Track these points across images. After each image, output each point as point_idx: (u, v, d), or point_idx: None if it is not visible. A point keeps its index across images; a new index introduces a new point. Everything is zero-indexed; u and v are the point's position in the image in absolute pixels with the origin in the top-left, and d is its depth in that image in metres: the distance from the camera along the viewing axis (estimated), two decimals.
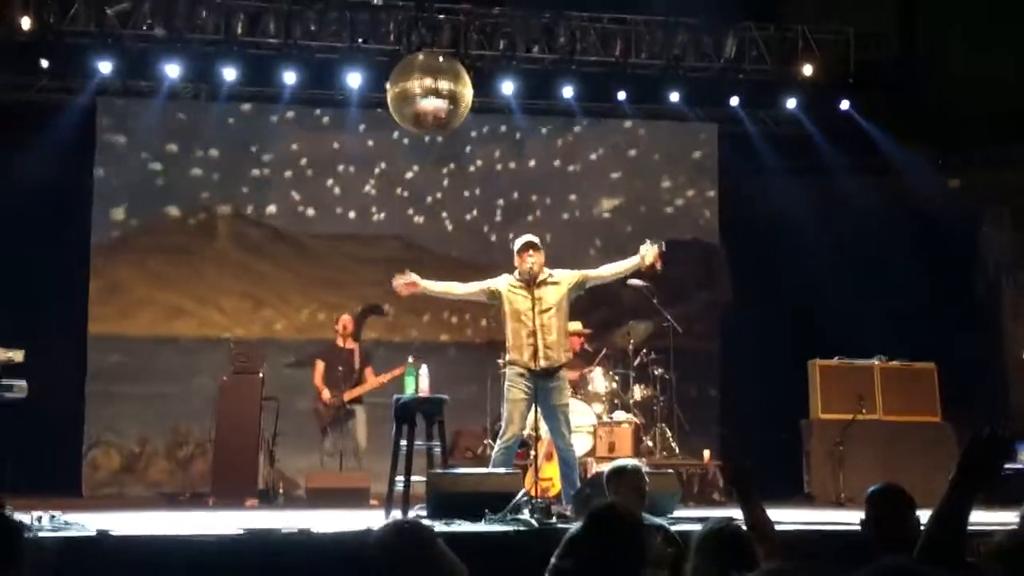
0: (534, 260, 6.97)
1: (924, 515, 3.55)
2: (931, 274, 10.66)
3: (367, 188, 11.43)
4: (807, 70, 11.03)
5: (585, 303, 8.05)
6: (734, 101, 11.42)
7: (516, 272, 7.06)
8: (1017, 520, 3.45)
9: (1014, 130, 10.78)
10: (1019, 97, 10.72)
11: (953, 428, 9.65)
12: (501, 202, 11.65)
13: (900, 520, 3.58)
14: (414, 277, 7.05)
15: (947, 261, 11.04)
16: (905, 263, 10.71)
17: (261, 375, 9.31)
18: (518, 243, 7.13)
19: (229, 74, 10.48)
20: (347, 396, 9.58)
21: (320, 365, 9.75)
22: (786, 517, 6.48)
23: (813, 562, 3.76)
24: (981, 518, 3.18)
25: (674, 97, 11.25)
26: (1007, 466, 7.10)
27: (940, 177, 11.48)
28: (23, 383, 7.03)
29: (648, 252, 7.06)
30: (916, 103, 11.38)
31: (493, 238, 11.38)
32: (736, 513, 3.78)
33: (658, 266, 7.15)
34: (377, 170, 11.46)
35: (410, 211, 11.48)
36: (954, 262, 11.20)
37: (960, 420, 9.70)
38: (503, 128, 11.69)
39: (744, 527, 3.51)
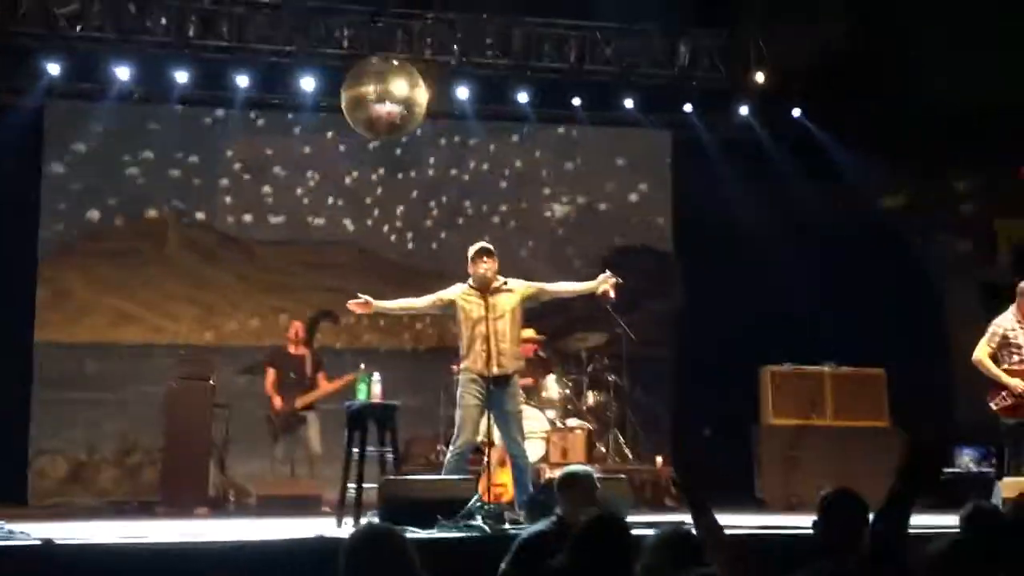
0: (488, 266, 6.99)
1: None
2: (882, 280, 10.79)
3: (319, 194, 11.35)
4: (759, 77, 11.12)
5: (539, 309, 8.07)
6: (687, 108, 11.49)
7: (470, 279, 7.07)
8: (957, 524, 3.50)
9: (962, 142, 10.94)
10: (968, 109, 10.87)
11: (901, 433, 9.78)
12: (455, 208, 11.62)
13: (853, 524, 3.62)
14: (367, 299, 7.05)
15: (897, 268, 11.17)
16: (856, 270, 10.82)
17: (211, 382, 9.22)
18: (472, 249, 7.14)
19: (180, 77, 10.36)
20: (299, 403, 9.51)
21: (271, 372, 9.67)
22: (738, 522, 6.52)
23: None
24: (924, 521, 3.21)
25: (628, 103, 11.30)
26: (946, 471, 7.17)
27: (890, 183, 11.63)
28: None
29: (604, 283, 7.10)
30: (867, 112, 11.51)
31: (445, 245, 11.33)
32: (688, 518, 3.79)
33: (610, 295, 7.21)
34: (329, 175, 11.39)
35: (362, 216, 11.42)
36: (904, 269, 11.34)
37: (908, 425, 9.83)
38: (457, 134, 11.67)
39: (695, 531, 3.53)
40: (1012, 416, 7.25)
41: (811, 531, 3.78)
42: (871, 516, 3.55)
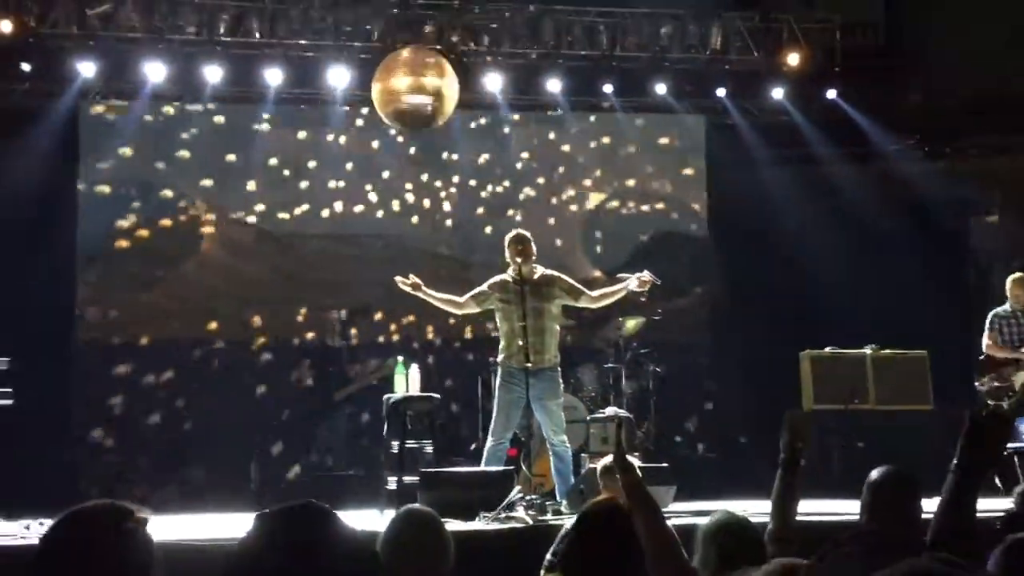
0: (523, 254, 6.96)
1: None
2: (922, 261, 10.65)
3: (354, 187, 11.34)
4: (793, 59, 11.00)
5: None
6: (720, 92, 11.37)
7: (509, 269, 7.05)
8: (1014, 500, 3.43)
9: (1002, 117, 10.78)
10: (1006, 84, 10.72)
11: (944, 416, 9.64)
12: (488, 198, 11.59)
13: (902, 505, 3.49)
14: (417, 280, 7.04)
15: (938, 248, 11.03)
16: (895, 250, 10.69)
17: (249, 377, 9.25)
18: (508, 237, 7.13)
19: (212, 74, 10.38)
20: (337, 395, 9.55)
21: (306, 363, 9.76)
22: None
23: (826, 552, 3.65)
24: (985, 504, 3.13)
25: (661, 89, 11.20)
26: (1009, 445, 7.16)
27: (928, 165, 11.49)
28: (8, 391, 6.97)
29: (632, 281, 7.05)
30: (903, 91, 11.38)
31: (480, 235, 11.30)
32: (727, 505, 3.73)
33: (642, 297, 7.20)
34: (363, 168, 11.38)
35: (398, 209, 11.40)
36: (945, 249, 11.20)
37: (951, 407, 9.68)
38: (489, 123, 11.63)
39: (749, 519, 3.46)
40: (992, 398, 7.88)
41: (856, 516, 3.70)
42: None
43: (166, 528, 6.38)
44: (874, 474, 3.58)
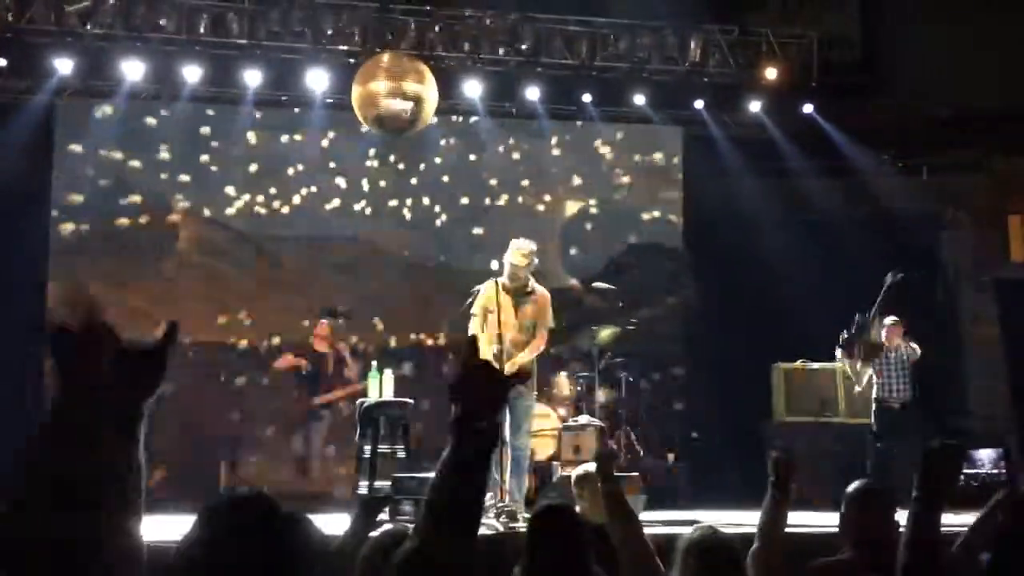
0: (526, 262, 6.93)
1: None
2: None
3: (330, 190, 11.33)
4: (770, 73, 11.08)
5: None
6: (698, 104, 11.44)
7: (504, 275, 7.01)
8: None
9: (976, 133, 10.90)
10: (980, 100, 10.84)
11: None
12: (464, 205, 11.59)
13: (882, 519, 3.49)
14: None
15: (909, 262, 11.11)
16: (867, 265, 10.77)
17: (222, 378, 9.24)
18: (527, 245, 7.04)
19: (191, 74, 10.34)
20: (318, 400, 9.53)
21: (290, 356, 9.77)
22: (752, 519, 6.49)
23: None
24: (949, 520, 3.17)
25: (639, 100, 11.25)
26: (964, 471, 7.34)
27: (901, 180, 11.60)
28: None
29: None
30: (878, 106, 11.49)
31: (455, 241, 11.30)
32: (698, 516, 3.74)
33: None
34: (339, 171, 11.37)
35: (372, 213, 11.38)
36: (916, 263, 11.28)
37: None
38: (467, 130, 11.64)
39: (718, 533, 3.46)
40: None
41: (827, 528, 3.71)
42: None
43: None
44: (852, 488, 3.59)
